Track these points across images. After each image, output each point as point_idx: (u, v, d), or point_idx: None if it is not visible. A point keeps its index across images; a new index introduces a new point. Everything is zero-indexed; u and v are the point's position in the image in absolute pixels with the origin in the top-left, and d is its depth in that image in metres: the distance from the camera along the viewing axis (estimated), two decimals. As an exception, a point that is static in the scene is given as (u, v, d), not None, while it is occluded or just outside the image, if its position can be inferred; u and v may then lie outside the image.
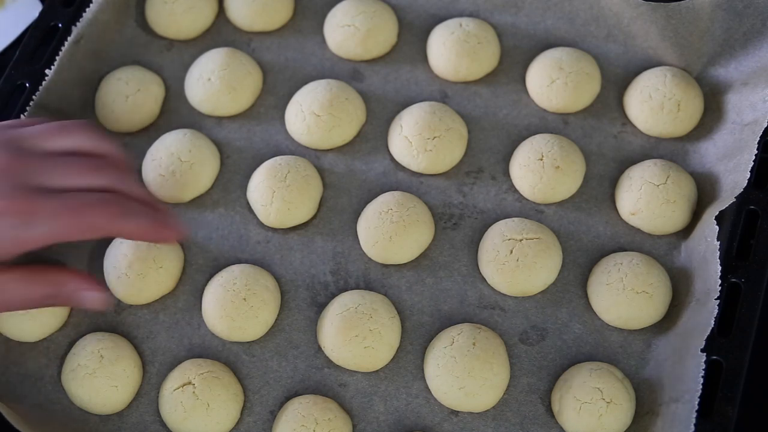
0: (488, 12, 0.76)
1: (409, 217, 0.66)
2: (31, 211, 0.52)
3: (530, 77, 0.73)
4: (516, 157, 0.69)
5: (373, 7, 0.75)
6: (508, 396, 0.62)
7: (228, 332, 0.64)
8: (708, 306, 0.59)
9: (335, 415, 0.61)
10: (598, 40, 0.74)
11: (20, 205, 0.52)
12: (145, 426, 0.63)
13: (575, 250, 0.67)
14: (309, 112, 0.70)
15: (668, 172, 0.67)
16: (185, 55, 0.76)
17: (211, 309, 0.64)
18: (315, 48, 0.76)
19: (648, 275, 0.63)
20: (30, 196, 0.53)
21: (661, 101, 0.70)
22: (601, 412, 0.60)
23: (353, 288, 0.66)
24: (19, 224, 0.52)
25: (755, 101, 0.67)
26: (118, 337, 0.65)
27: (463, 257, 0.67)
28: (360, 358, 0.62)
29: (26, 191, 0.53)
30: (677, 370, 0.59)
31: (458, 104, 0.72)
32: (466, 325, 0.63)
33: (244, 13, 0.76)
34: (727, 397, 0.58)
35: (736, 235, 0.63)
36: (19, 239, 0.53)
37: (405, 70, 0.74)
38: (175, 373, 0.63)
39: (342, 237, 0.68)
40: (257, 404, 0.63)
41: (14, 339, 0.65)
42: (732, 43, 0.70)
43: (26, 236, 0.53)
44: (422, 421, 0.62)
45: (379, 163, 0.71)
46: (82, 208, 0.54)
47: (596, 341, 0.64)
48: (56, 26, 0.74)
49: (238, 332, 0.63)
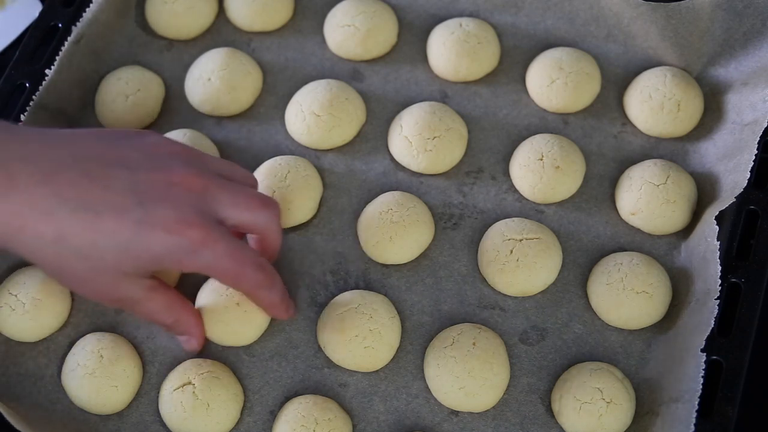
0: (488, 12, 0.76)
1: (409, 217, 0.66)
2: (203, 244, 0.54)
3: (530, 77, 0.73)
4: (516, 157, 0.69)
5: (373, 7, 0.75)
6: (508, 396, 0.62)
7: (221, 337, 0.63)
8: (708, 306, 0.59)
9: (335, 415, 0.61)
10: (598, 40, 0.74)
11: (198, 234, 0.53)
12: (145, 426, 0.63)
13: (575, 250, 0.67)
14: (309, 112, 0.70)
15: (668, 172, 0.67)
16: (185, 55, 0.76)
17: (204, 314, 0.63)
18: (315, 48, 0.76)
19: (648, 275, 0.63)
20: (207, 227, 0.54)
21: (661, 101, 0.70)
22: (601, 412, 0.59)
23: (353, 288, 0.66)
24: (190, 252, 0.54)
25: (755, 101, 0.67)
26: (118, 337, 0.65)
27: (463, 257, 0.67)
28: (360, 358, 0.62)
29: (206, 220, 0.54)
30: (677, 370, 0.59)
31: (458, 104, 0.72)
32: (466, 325, 0.63)
33: (244, 13, 0.76)
34: (727, 397, 0.58)
35: (736, 235, 0.63)
36: (181, 263, 0.54)
37: (405, 70, 0.74)
38: (175, 373, 0.63)
39: (342, 237, 0.68)
40: (257, 404, 0.63)
41: (14, 339, 0.65)
42: (732, 43, 0.70)
43: (188, 262, 0.54)
44: (422, 421, 0.62)
45: (379, 163, 0.71)
46: (242, 262, 0.56)
47: (596, 341, 0.64)
48: (56, 26, 0.74)
49: (232, 337, 0.63)
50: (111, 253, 0.53)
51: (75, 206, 0.51)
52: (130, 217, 0.52)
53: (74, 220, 0.51)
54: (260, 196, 0.59)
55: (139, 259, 0.53)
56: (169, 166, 0.55)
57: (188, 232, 0.53)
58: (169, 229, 0.53)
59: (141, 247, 0.53)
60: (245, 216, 0.57)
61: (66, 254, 0.52)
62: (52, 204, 0.51)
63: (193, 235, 0.53)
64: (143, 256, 0.53)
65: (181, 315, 0.60)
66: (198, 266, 0.55)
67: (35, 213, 0.51)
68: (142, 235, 0.52)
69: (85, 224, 0.51)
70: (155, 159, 0.55)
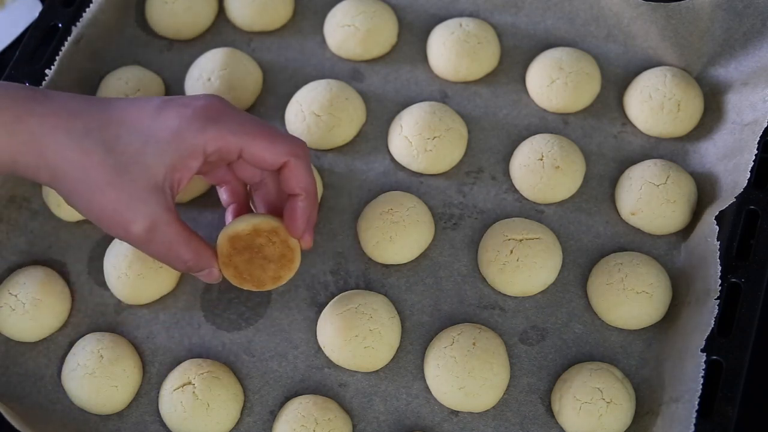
0: (488, 12, 0.76)
1: (409, 217, 0.66)
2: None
3: (530, 77, 0.73)
4: (516, 157, 0.69)
5: (373, 7, 0.75)
6: (508, 396, 0.62)
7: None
8: (708, 306, 0.59)
9: (335, 415, 0.61)
10: (598, 40, 0.74)
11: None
12: (145, 426, 0.63)
13: (575, 250, 0.67)
14: (309, 112, 0.70)
15: (668, 172, 0.67)
16: (185, 55, 0.76)
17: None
18: (315, 48, 0.76)
19: (648, 275, 0.63)
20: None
21: (661, 101, 0.70)
22: (601, 412, 0.60)
23: (353, 288, 0.66)
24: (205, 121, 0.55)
25: (755, 101, 0.67)
26: (118, 337, 0.65)
27: (463, 257, 0.67)
28: (360, 358, 0.62)
29: None
30: (677, 370, 0.59)
31: (458, 104, 0.72)
32: (466, 325, 0.63)
33: (244, 13, 0.76)
34: (727, 397, 0.58)
35: (736, 235, 0.63)
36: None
37: (405, 70, 0.74)
38: (175, 373, 0.63)
39: (342, 237, 0.68)
40: (257, 404, 0.63)
41: (14, 339, 0.65)
42: (732, 43, 0.70)
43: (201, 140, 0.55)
44: (422, 421, 0.62)
45: (379, 163, 0.71)
46: None
47: (596, 341, 0.64)
48: (56, 26, 0.74)
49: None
50: (136, 141, 0.53)
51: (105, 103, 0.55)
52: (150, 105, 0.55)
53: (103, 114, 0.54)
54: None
55: (167, 144, 0.54)
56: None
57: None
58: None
59: (167, 122, 0.54)
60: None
61: (93, 147, 0.53)
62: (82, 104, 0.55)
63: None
64: (165, 137, 0.54)
65: (199, 252, 0.58)
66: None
67: (65, 114, 0.53)
68: (159, 120, 0.54)
69: (112, 118, 0.54)
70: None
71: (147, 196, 0.53)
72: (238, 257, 0.58)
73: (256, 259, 0.58)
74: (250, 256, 0.58)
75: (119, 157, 0.53)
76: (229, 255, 0.58)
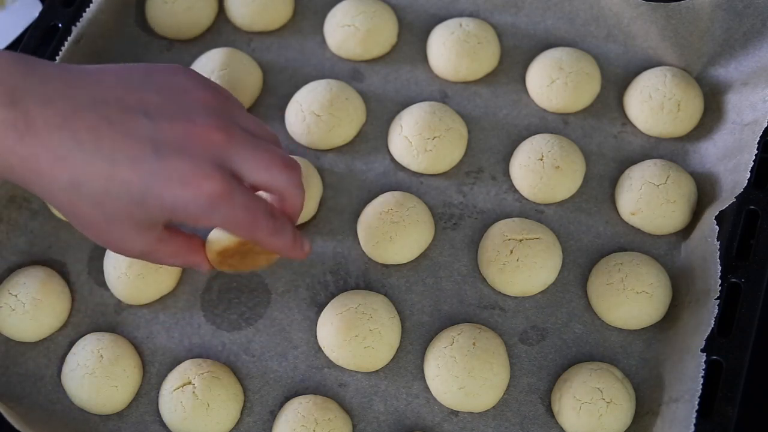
0: (488, 12, 0.76)
1: (409, 217, 0.66)
2: (219, 199, 0.52)
3: (530, 77, 0.73)
4: (516, 157, 0.69)
5: (373, 7, 0.75)
6: (508, 396, 0.62)
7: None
8: (708, 306, 0.59)
9: (335, 415, 0.61)
10: (598, 40, 0.74)
11: (214, 189, 0.51)
12: (145, 426, 0.63)
13: (575, 250, 0.67)
14: (309, 112, 0.70)
15: (668, 172, 0.67)
16: (185, 55, 0.76)
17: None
18: (315, 48, 0.76)
19: (648, 275, 0.63)
20: (225, 182, 0.52)
21: (661, 101, 0.70)
22: (601, 412, 0.60)
23: (353, 288, 0.66)
24: (204, 207, 0.51)
25: (755, 101, 0.67)
26: (118, 337, 0.65)
27: (463, 257, 0.67)
28: (360, 358, 0.62)
29: (224, 175, 0.52)
30: (677, 370, 0.59)
31: (458, 104, 0.72)
32: (466, 325, 0.63)
33: (244, 13, 0.76)
34: (727, 397, 0.58)
35: (736, 235, 0.63)
36: (195, 218, 0.52)
37: (405, 70, 0.74)
38: (175, 373, 0.63)
39: (342, 237, 0.68)
40: (257, 404, 0.63)
41: (14, 339, 0.65)
42: (732, 43, 0.70)
43: (203, 218, 0.52)
44: (422, 421, 0.62)
45: (379, 163, 0.71)
46: (256, 215, 0.54)
47: (596, 341, 0.64)
48: (56, 26, 0.74)
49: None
50: (123, 202, 0.51)
51: (91, 152, 0.50)
52: (145, 167, 0.50)
53: (89, 166, 0.50)
54: (283, 156, 0.56)
55: (152, 210, 0.52)
56: (193, 115, 0.53)
57: (204, 187, 0.51)
58: (184, 183, 0.51)
59: (154, 199, 0.51)
60: (264, 176, 0.54)
61: (79, 200, 0.51)
62: (69, 149, 0.50)
63: (208, 189, 0.51)
64: (156, 208, 0.51)
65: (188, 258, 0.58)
66: (211, 221, 0.53)
67: (51, 157, 0.50)
68: (155, 187, 0.51)
69: (100, 172, 0.50)
70: (179, 105, 0.53)
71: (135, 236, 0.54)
72: (230, 260, 0.58)
73: (248, 254, 0.58)
74: (240, 256, 0.58)
75: (105, 210, 0.52)
76: (220, 263, 0.59)
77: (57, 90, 0.50)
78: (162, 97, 0.53)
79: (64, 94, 0.50)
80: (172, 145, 0.51)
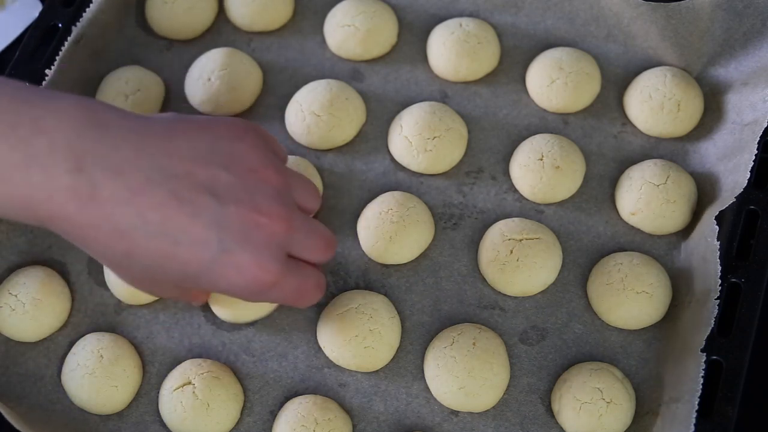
0: (488, 12, 0.76)
1: (409, 217, 0.66)
2: (271, 286, 0.52)
3: (530, 77, 0.73)
4: (516, 157, 0.69)
5: (373, 7, 0.75)
6: (508, 396, 0.62)
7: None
8: (708, 306, 0.59)
9: (335, 415, 0.61)
10: (598, 40, 0.74)
11: (270, 278, 0.52)
12: (145, 426, 0.63)
13: (575, 250, 0.67)
14: (309, 112, 0.70)
15: (668, 172, 0.67)
16: (185, 55, 0.76)
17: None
18: (315, 48, 0.76)
19: (648, 275, 0.63)
20: (279, 273, 0.52)
21: (661, 101, 0.70)
22: (601, 412, 0.60)
23: (353, 288, 0.66)
24: (257, 292, 0.52)
25: (755, 101, 0.67)
26: (118, 337, 0.65)
27: (463, 257, 0.67)
28: (360, 358, 0.62)
29: (280, 265, 0.52)
30: (677, 370, 0.59)
31: (458, 104, 0.72)
32: (466, 325, 0.63)
33: (244, 13, 0.76)
34: (727, 397, 0.58)
35: (736, 235, 0.63)
36: (246, 299, 0.54)
37: (405, 70, 0.74)
38: (175, 373, 0.63)
39: (342, 237, 0.68)
40: (257, 404, 0.63)
41: (14, 339, 0.65)
42: (732, 43, 0.70)
43: (254, 299, 0.53)
44: (422, 421, 0.62)
45: (379, 163, 0.71)
46: (303, 294, 0.55)
47: (596, 341, 0.64)
48: (56, 26, 0.74)
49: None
50: (177, 277, 0.51)
51: (154, 231, 0.49)
52: (206, 255, 0.50)
53: (150, 243, 0.49)
54: (328, 238, 0.56)
55: (203, 286, 0.52)
56: (258, 198, 0.52)
57: (259, 277, 0.51)
58: (241, 272, 0.51)
59: (208, 281, 0.51)
60: (312, 257, 0.55)
61: (131, 267, 0.51)
62: (133, 226, 0.48)
63: (263, 279, 0.51)
64: (207, 285, 0.52)
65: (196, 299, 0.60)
66: (261, 300, 0.54)
67: (111, 229, 0.48)
68: (213, 273, 0.51)
69: (160, 250, 0.49)
70: (245, 185, 0.52)
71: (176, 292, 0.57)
72: None
73: None
74: None
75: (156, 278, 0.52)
76: None
77: (127, 160, 0.48)
78: (230, 175, 0.51)
79: (134, 164, 0.48)
80: (236, 235, 0.50)
